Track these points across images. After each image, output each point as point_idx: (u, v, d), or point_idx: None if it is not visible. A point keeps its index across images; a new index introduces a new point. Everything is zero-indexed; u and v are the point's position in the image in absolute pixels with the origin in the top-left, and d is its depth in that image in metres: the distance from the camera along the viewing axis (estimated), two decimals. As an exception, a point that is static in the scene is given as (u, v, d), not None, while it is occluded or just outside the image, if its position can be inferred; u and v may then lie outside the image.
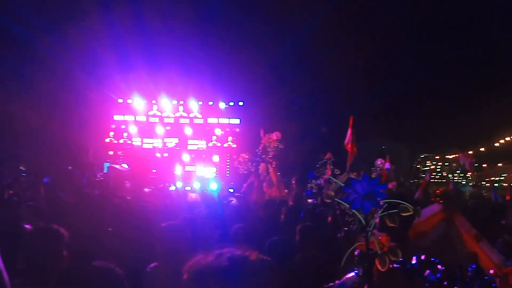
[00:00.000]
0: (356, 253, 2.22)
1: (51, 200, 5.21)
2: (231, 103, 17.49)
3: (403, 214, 1.97)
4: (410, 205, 1.99)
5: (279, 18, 15.15)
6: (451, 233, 3.91)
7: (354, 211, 1.97)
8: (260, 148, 13.12)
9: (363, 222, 2.09)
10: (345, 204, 2.10)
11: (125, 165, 13.32)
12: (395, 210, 2.01)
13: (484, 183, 17.02)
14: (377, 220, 2.13)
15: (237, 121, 17.54)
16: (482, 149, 27.40)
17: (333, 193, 2.24)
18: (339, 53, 17.32)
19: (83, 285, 2.40)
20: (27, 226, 3.41)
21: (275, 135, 13.07)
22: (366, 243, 2.13)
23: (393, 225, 1.90)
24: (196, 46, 16.26)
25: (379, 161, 12.33)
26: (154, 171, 13.43)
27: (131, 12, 14.68)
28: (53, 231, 2.40)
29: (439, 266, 2.28)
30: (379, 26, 16.65)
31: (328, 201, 2.22)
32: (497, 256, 3.64)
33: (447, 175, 23.41)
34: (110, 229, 4.00)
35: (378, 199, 1.90)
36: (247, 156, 13.69)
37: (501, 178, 21.23)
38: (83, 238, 3.27)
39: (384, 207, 2.02)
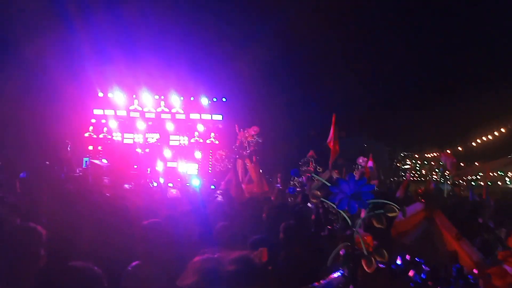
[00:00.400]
0: (341, 253, 2.21)
1: (27, 196, 5.05)
2: (214, 99, 17.38)
3: (390, 215, 1.97)
4: (396, 206, 1.99)
5: (262, 14, 15.12)
6: (432, 232, 3.97)
7: (340, 211, 1.95)
8: (237, 144, 13.00)
9: (349, 222, 2.07)
10: (329, 203, 2.08)
11: (104, 161, 13.08)
12: (381, 211, 2.00)
13: (462, 181, 17.39)
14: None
15: (219, 117, 17.44)
16: (459, 148, 28.00)
17: (319, 193, 2.22)
18: (322, 51, 17.43)
19: (61, 285, 2.32)
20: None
21: (253, 130, 12.96)
22: (352, 243, 2.12)
23: (380, 226, 1.89)
24: (178, 41, 16.09)
25: (360, 159, 12.45)
26: (135, 167, 13.22)
27: (111, 5, 14.41)
28: (30, 229, 2.31)
29: (423, 267, 2.29)
30: (360, 25, 16.82)
31: (314, 200, 2.20)
32: (476, 255, 3.70)
33: (427, 173, 23.86)
34: (88, 226, 3.89)
35: (365, 199, 1.89)
36: (223, 153, 13.60)
37: (478, 177, 21.74)
38: (61, 237, 3.18)
39: (369, 207, 2.01)
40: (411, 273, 2.26)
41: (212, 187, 11.87)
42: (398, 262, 2.38)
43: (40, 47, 13.60)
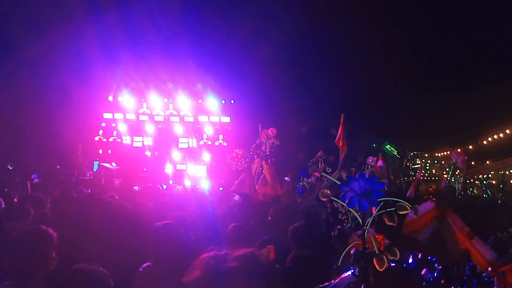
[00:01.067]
0: (352, 252, 2.19)
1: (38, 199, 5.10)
2: (223, 101, 17.42)
3: (401, 213, 1.95)
4: (407, 204, 1.97)
5: (269, 16, 15.11)
6: (444, 231, 3.92)
7: (350, 209, 1.94)
8: (256, 144, 12.88)
9: (360, 221, 2.06)
10: (340, 202, 2.07)
11: (114, 164, 13.19)
12: (392, 209, 1.99)
13: (473, 180, 17.18)
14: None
15: (227, 119, 17.46)
16: (470, 147, 27.69)
17: (328, 192, 2.21)
18: (329, 51, 17.36)
19: (72, 287, 2.34)
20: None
21: (271, 131, 12.85)
22: (363, 242, 2.10)
23: (391, 223, 1.87)
24: (186, 43, 16.14)
25: (370, 159, 12.36)
26: (144, 169, 13.29)
27: (120, 10, 14.50)
28: (42, 232, 2.33)
29: (436, 265, 2.27)
30: (366, 24, 16.71)
31: (324, 199, 2.19)
32: (489, 253, 3.65)
33: (437, 172, 23.62)
34: (98, 228, 3.92)
35: (376, 197, 1.87)
36: (240, 152, 13.53)
37: (489, 175, 21.47)
38: (72, 239, 3.20)
39: (380, 205, 1.99)
40: (423, 272, 2.24)
41: (221, 188, 11.87)
42: (410, 260, 2.35)
43: (50, 51, 13.75)
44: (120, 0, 14.44)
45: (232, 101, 17.48)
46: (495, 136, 24.89)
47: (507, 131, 23.94)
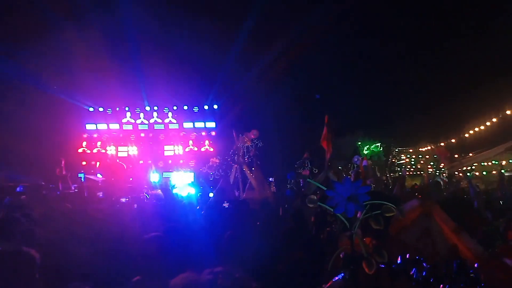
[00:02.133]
0: (341, 256, 2.19)
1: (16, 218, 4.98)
2: (206, 107, 17.37)
3: (387, 215, 1.96)
4: (393, 206, 1.98)
5: (254, 21, 15.14)
6: (431, 227, 3.96)
7: (337, 214, 1.94)
8: (233, 149, 12.69)
9: (347, 225, 2.06)
10: (327, 207, 2.07)
11: (99, 175, 13.00)
12: (378, 212, 1.99)
13: (457, 173, 17.46)
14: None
15: (212, 124, 17.42)
16: (453, 140, 28.15)
17: (315, 197, 2.21)
18: (313, 50, 17.49)
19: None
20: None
21: (252, 134, 12.67)
22: (351, 246, 2.10)
23: (378, 227, 1.88)
24: (169, 51, 16.06)
25: (355, 158, 12.43)
26: (130, 179, 13.13)
27: (102, 18, 14.36)
28: (23, 254, 2.26)
29: (424, 264, 2.28)
30: (350, 25, 16.90)
31: (311, 205, 2.19)
32: (476, 248, 3.70)
33: (422, 167, 23.98)
34: (85, 244, 3.84)
35: (362, 201, 1.88)
36: (217, 160, 13.40)
37: (473, 167, 21.87)
38: (58, 256, 3.13)
39: (366, 209, 1.99)
40: (412, 272, 2.25)
41: (211, 194, 11.75)
42: (399, 261, 2.37)
43: (31, 63, 13.52)
44: (103, 11, 14.28)
45: (215, 106, 17.43)
46: (477, 129, 25.36)
47: (487, 123, 24.40)
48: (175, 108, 17.27)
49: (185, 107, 17.35)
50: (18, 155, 14.13)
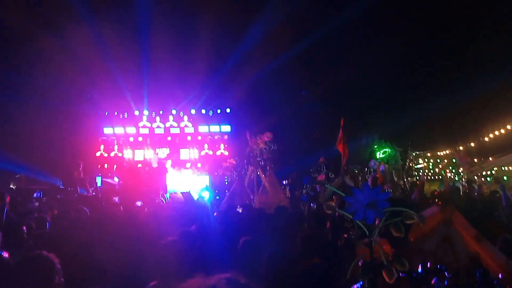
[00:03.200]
0: (360, 263, 2.15)
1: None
2: (219, 111, 17.43)
3: (408, 222, 1.91)
4: (414, 212, 1.93)
5: (266, 23, 15.15)
6: (452, 234, 3.87)
7: (358, 221, 1.90)
8: (247, 151, 12.56)
9: (367, 232, 2.02)
10: (346, 214, 2.03)
11: (116, 179, 13.14)
12: (398, 218, 1.95)
13: (477, 178, 17.08)
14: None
15: (228, 128, 17.45)
16: (472, 144, 27.58)
17: (333, 203, 2.17)
18: (327, 53, 17.39)
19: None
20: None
21: (266, 136, 12.51)
22: (371, 253, 2.06)
23: (399, 235, 1.83)
24: (183, 54, 16.20)
25: (372, 163, 12.29)
26: (146, 183, 13.23)
27: (118, 23, 14.56)
28: (43, 258, 2.28)
29: (446, 273, 2.22)
30: (366, 26, 16.76)
31: (329, 211, 2.15)
32: (499, 256, 3.60)
33: (440, 172, 23.52)
34: (103, 248, 3.87)
35: (381, 208, 1.83)
36: (234, 162, 13.33)
37: (492, 172, 21.36)
38: (77, 261, 3.16)
39: (386, 214, 1.95)
40: (433, 281, 2.19)
41: (217, 197, 11.73)
42: (419, 270, 2.31)
43: (48, 67, 13.78)
44: (119, 16, 14.49)
45: (228, 110, 17.46)
46: (497, 132, 24.81)
47: (508, 127, 23.84)
48: (193, 112, 17.39)
49: (203, 111, 17.47)
50: (39, 157, 14.42)
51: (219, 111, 17.46)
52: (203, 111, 17.48)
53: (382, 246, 2.10)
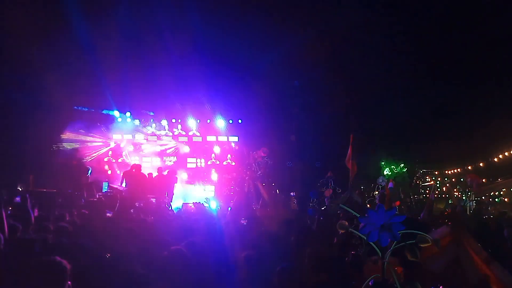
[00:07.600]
0: (370, 283, 2.14)
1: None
2: (230, 121, 17.48)
3: (422, 245, 1.90)
4: (428, 236, 1.93)
5: (278, 36, 15.23)
6: (461, 256, 3.83)
7: (371, 243, 1.90)
8: (247, 166, 12.77)
9: (379, 253, 2.01)
10: (360, 234, 2.03)
11: (124, 185, 13.20)
12: (412, 241, 1.94)
13: (485, 198, 16.93)
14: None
15: (235, 138, 17.48)
16: (480, 164, 27.38)
17: (346, 223, 2.17)
18: (336, 72, 17.41)
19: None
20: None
21: (262, 151, 12.70)
22: (382, 274, 2.05)
23: (414, 259, 1.82)
24: (194, 64, 16.31)
25: (380, 179, 12.24)
26: (152, 190, 13.26)
27: (130, 31, 14.73)
28: (56, 263, 2.31)
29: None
30: (375, 47, 16.77)
31: (342, 231, 2.15)
32: (509, 279, 3.55)
33: (448, 191, 23.33)
34: (108, 255, 3.88)
35: (396, 231, 1.83)
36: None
37: (501, 193, 21.16)
38: (85, 266, 3.17)
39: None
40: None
41: (229, 208, 11.76)
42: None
43: (57, 70, 13.90)
44: (132, 21, 14.64)
45: (240, 121, 17.52)
46: (506, 154, 24.62)
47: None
48: (198, 121, 17.48)
49: (209, 121, 17.54)
50: (47, 161, 14.53)
51: (231, 121, 17.52)
52: (221, 122, 17.45)
53: (394, 268, 2.09)
